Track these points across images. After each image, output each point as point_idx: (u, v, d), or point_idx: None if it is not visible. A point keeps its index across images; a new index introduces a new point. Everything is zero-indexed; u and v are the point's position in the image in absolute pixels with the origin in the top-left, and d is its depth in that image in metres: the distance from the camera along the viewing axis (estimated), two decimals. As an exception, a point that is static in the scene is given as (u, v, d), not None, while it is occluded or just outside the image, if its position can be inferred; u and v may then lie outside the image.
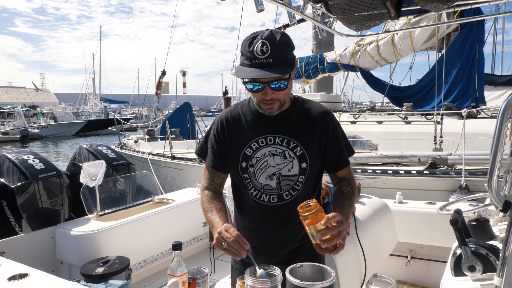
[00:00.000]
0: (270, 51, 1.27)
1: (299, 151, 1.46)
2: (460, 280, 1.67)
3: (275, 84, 1.32)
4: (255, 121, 1.50)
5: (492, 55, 22.38)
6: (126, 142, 11.15)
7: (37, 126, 33.45)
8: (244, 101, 1.59)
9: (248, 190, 1.51)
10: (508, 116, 1.44)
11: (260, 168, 1.47)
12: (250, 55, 1.29)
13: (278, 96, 1.37)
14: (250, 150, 1.48)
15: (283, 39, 1.30)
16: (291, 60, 1.34)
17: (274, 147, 1.46)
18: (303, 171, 1.47)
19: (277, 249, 1.55)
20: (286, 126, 1.48)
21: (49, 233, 2.90)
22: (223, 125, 1.54)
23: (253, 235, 1.55)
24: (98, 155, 3.58)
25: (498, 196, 1.39)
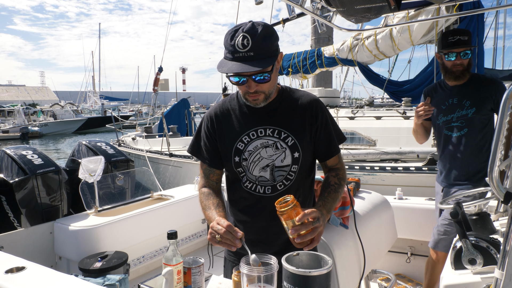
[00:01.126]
0: (251, 44, 1.27)
1: (290, 141, 1.46)
2: (460, 274, 1.66)
3: (259, 76, 1.33)
4: (244, 115, 1.51)
5: (493, 49, 22.31)
6: (123, 140, 11.12)
7: (37, 124, 33.46)
8: (232, 95, 1.59)
9: (242, 183, 1.52)
10: (510, 107, 1.43)
11: (253, 161, 1.47)
12: (231, 49, 1.30)
13: (262, 88, 1.38)
14: (242, 144, 1.48)
15: (264, 31, 1.30)
16: (274, 52, 1.34)
17: (266, 138, 1.47)
18: (296, 161, 1.47)
19: (272, 240, 1.55)
20: (275, 117, 1.49)
21: (47, 228, 2.89)
22: (212, 121, 1.55)
23: (248, 227, 1.55)
24: (97, 151, 3.57)
25: (499, 188, 1.38)
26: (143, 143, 9.83)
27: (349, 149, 5.90)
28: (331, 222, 2.11)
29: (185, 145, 9.26)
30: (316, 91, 8.08)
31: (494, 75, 8.43)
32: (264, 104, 1.44)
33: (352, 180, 2.75)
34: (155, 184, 4.89)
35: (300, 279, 1.01)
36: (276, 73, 1.42)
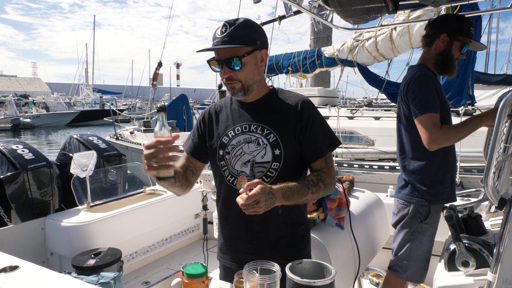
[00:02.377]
0: (227, 31, 1.36)
1: (272, 138, 1.46)
2: (453, 275, 1.67)
3: (230, 62, 1.39)
4: (233, 111, 1.56)
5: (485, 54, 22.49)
6: (121, 133, 11.10)
7: (28, 115, 33.14)
8: (228, 95, 1.63)
9: (225, 177, 1.53)
10: (506, 113, 1.44)
11: (236, 155, 1.49)
12: (213, 37, 1.40)
13: (237, 76, 1.41)
14: (227, 138, 1.52)
15: (244, 23, 1.39)
16: (249, 42, 1.39)
17: (249, 134, 1.49)
18: (277, 158, 1.46)
19: (251, 237, 1.54)
20: (261, 114, 1.51)
21: (39, 224, 2.86)
22: (205, 116, 1.62)
23: (230, 223, 1.57)
24: (89, 145, 3.54)
25: (494, 193, 1.39)
26: (141, 137, 9.82)
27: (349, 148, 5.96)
28: (327, 223, 2.11)
29: (183, 140, 9.25)
30: (315, 91, 8.10)
31: (486, 79, 8.52)
32: (243, 96, 1.47)
33: (347, 179, 2.76)
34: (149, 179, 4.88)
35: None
36: (256, 67, 1.45)
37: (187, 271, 1.28)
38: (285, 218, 1.52)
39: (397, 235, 2.22)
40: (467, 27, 2.07)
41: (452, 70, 2.12)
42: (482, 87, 8.56)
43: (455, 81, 6.82)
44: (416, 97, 1.99)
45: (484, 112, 1.96)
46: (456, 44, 2.08)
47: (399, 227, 2.21)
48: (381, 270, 2.69)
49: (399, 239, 2.20)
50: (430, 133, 1.93)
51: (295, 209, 1.54)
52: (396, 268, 2.23)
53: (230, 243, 1.60)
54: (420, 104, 1.97)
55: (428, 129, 1.93)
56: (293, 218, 1.55)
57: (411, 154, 2.13)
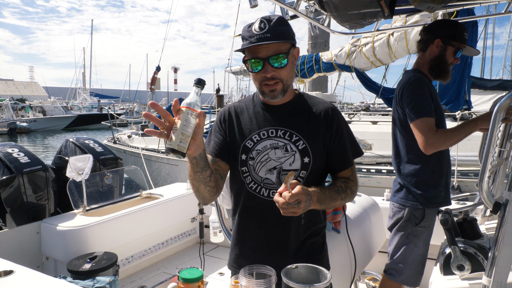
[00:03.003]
0: (267, 27, 1.29)
1: (301, 145, 1.40)
2: (448, 279, 1.68)
3: (275, 59, 1.31)
4: (258, 114, 1.47)
5: (482, 59, 22.67)
6: (119, 137, 11.12)
7: (25, 119, 33.04)
8: (249, 96, 1.58)
9: (246, 184, 1.45)
10: (500, 118, 1.45)
11: (261, 161, 1.41)
12: (248, 34, 1.31)
13: (280, 75, 1.34)
14: (251, 143, 1.43)
15: (281, 19, 1.33)
16: (291, 37, 1.35)
17: (276, 140, 1.41)
18: (305, 166, 1.40)
19: (273, 248, 1.47)
20: (289, 118, 1.44)
21: (34, 228, 2.85)
22: (225, 116, 1.52)
23: (251, 232, 1.49)
24: (85, 149, 3.53)
25: (489, 197, 1.40)
26: (139, 141, 9.84)
27: None
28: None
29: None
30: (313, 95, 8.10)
31: (482, 84, 8.58)
32: (281, 97, 1.39)
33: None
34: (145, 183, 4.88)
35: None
36: (293, 66, 1.39)
37: (183, 276, 1.28)
38: (306, 228, 1.46)
39: (393, 239, 2.23)
40: (460, 33, 2.09)
41: (446, 75, 2.14)
42: (478, 92, 8.62)
43: (451, 86, 6.86)
44: (411, 102, 2.00)
45: (479, 116, 1.97)
46: (450, 49, 2.10)
47: (394, 231, 2.21)
48: (377, 274, 2.69)
49: (395, 242, 2.21)
50: (426, 137, 1.94)
51: (316, 218, 1.49)
52: (392, 271, 2.23)
53: (249, 254, 1.51)
54: (415, 109, 1.98)
55: (424, 133, 1.95)
56: (313, 227, 1.50)
57: (406, 158, 2.14)
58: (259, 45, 1.29)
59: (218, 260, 3.35)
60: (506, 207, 1.25)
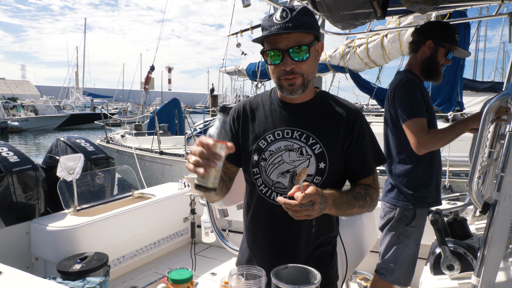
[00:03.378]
0: (290, 16, 1.18)
1: (318, 149, 1.29)
2: (438, 279, 1.69)
3: (296, 51, 1.20)
4: (274, 112, 1.37)
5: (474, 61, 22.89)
6: (112, 137, 11.08)
7: (17, 118, 32.73)
8: (265, 92, 1.47)
9: (257, 186, 1.37)
10: (490, 119, 1.46)
11: (273, 163, 1.32)
12: (269, 24, 1.21)
13: (300, 69, 1.23)
14: (264, 143, 1.34)
15: (305, 9, 1.23)
16: (315, 27, 1.24)
17: (291, 141, 1.31)
18: (320, 172, 1.30)
19: (282, 255, 1.38)
20: (306, 119, 1.33)
21: (23, 229, 2.82)
22: (239, 113, 1.42)
23: (259, 238, 1.42)
24: (76, 148, 3.50)
25: (478, 198, 1.41)
26: (132, 141, 9.80)
27: None
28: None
29: (175, 143, 9.31)
30: None
31: (474, 86, 8.65)
32: (301, 92, 1.27)
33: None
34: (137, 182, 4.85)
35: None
36: (315, 60, 1.29)
37: (172, 277, 1.27)
38: (317, 236, 1.38)
39: (384, 239, 2.24)
40: (452, 34, 2.10)
41: (437, 76, 2.15)
42: (470, 94, 8.71)
43: (444, 87, 6.92)
44: (403, 103, 2.01)
45: (470, 116, 1.99)
46: (442, 50, 2.11)
47: (385, 231, 2.22)
48: (369, 274, 2.70)
49: (386, 242, 2.22)
50: (418, 137, 1.95)
51: (328, 226, 1.41)
52: (383, 271, 2.24)
53: (258, 259, 1.44)
54: (407, 109, 1.99)
55: (416, 133, 1.96)
56: (325, 235, 1.41)
57: (398, 158, 2.14)
58: (279, 34, 1.19)
59: (210, 260, 3.34)
60: (495, 208, 1.25)
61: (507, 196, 1.23)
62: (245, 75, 12.09)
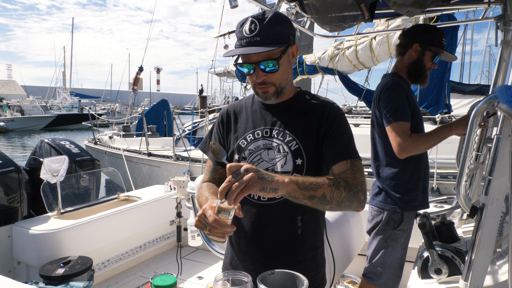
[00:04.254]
0: (258, 29, 1.20)
1: (294, 146, 1.32)
2: (426, 283, 1.68)
3: (265, 65, 1.24)
4: (255, 113, 1.42)
5: (460, 64, 23.24)
6: (100, 138, 10.95)
7: (2, 119, 32.20)
8: (250, 95, 1.51)
9: None
10: (477, 122, 1.46)
11: (253, 161, 1.34)
12: (240, 35, 1.24)
13: (271, 79, 1.27)
14: (244, 142, 1.38)
15: (274, 18, 1.22)
16: (283, 40, 1.24)
17: (270, 140, 1.35)
18: (298, 169, 1.30)
19: (265, 256, 1.38)
20: (284, 118, 1.37)
21: (5, 232, 2.75)
22: (223, 117, 1.47)
23: (241, 237, 1.41)
24: (61, 150, 3.43)
25: (466, 202, 1.40)
26: (120, 142, 9.71)
27: None
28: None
29: (164, 145, 9.24)
30: None
31: (461, 89, 8.76)
32: (276, 99, 1.33)
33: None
34: (127, 183, 4.78)
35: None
36: (289, 66, 1.32)
37: (155, 283, 1.23)
38: (304, 239, 1.36)
39: (371, 242, 2.23)
40: (439, 38, 2.11)
41: (424, 79, 2.15)
42: (457, 96, 8.82)
43: (432, 90, 6.99)
44: (388, 105, 2.01)
45: (454, 121, 1.99)
46: (428, 54, 2.11)
47: (373, 234, 2.21)
48: (356, 277, 2.69)
49: (373, 246, 2.21)
50: (399, 141, 1.95)
51: (315, 228, 1.40)
52: (370, 275, 2.23)
53: (240, 259, 1.43)
54: (390, 112, 1.99)
55: (397, 137, 1.95)
56: (313, 239, 1.40)
57: (385, 161, 2.14)
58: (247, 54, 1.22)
59: (196, 263, 3.30)
60: (482, 211, 1.25)
61: (494, 199, 1.23)
62: (234, 76, 12.07)
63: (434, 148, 4.99)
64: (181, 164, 7.62)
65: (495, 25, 2.46)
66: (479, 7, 2.60)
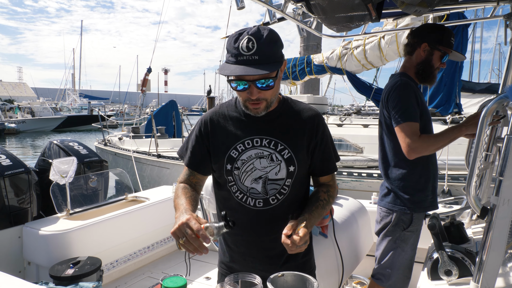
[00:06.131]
0: (256, 47, 1.21)
1: (286, 154, 1.40)
2: (436, 284, 1.66)
3: (262, 83, 1.26)
4: (241, 122, 1.44)
5: (470, 63, 23.00)
6: (110, 139, 11.02)
7: (14, 120, 32.60)
8: (229, 101, 1.53)
9: (232, 193, 1.46)
10: (488, 122, 1.44)
11: (246, 171, 1.41)
12: (235, 52, 1.23)
13: (265, 95, 1.31)
14: (236, 152, 1.42)
15: (270, 36, 1.24)
16: (279, 58, 1.28)
17: (261, 149, 1.40)
18: (291, 175, 1.41)
19: (263, 255, 1.49)
20: (273, 127, 1.42)
21: (16, 233, 2.78)
22: (206, 125, 1.48)
23: (239, 240, 1.51)
24: (69, 151, 3.46)
25: (476, 202, 1.38)
26: (130, 143, 9.76)
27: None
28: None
29: (173, 146, 9.26)
30: (305, 98, 8.17)
31: (471, 87, 8.66)
32: (265, 112, 1.37)
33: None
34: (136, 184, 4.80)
35: None
36: (279, 81, 1.36)
37: (166, 284, 1.24)
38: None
39: (380, 243, 2.21)
40: (447, 37, 2.08)
41: (432, 79, 2.13)
42: (467, 95, 8.72)
43: (442, 89, 6.91)
44: (396, 106, 1.99)
45: (463, 122, 1.97)
46: (437, 53, 2.09)
47: (382, 235, 2.20)
48: (364, 278, 2.68)
49: (382, 247, 2.19)
50: (409, 141, 1.93)
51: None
52: (380, 276, 2.21)
53: (239, 259, 1.53)
54: (400, 113, 1.97)
55: (407, 137, 1.94)
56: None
57: (393, 161, 2.12)
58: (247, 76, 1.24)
59: (204, 264, 3.30)
60: (493, 212, 1.23)
61: (505, 200, 1.21)
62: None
63: (445, 149, 4.94)
64: None
65: (504, 23, 2.43)
66: (488, 5, 2.56)
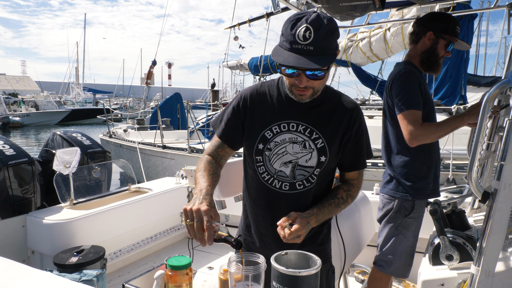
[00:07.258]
0: (312, 38, 1.17)
1: (320, 144, 1.38)
2: (437, 269, 1.67)
3: (312, 72, 1.23)
4: (281, 104, 1.42)
5: (475, 56, 22.81)
6: (115, 131, 11.09)
7: (18, 114, 32.74)
8: (272, 81, 1.50)
9: (259, 173, 1.44)
10: (489, 108, 1.44)
11: (277, 153, 1.40)
12: (291, 39, 1.20)
13: (313, 84, 1.28)
14: (270, 133, 1.40)
15: (329, 27, 1.19)
16: (333, 50, 1.24)
17: (296, 134, 1.39)
18: (320, 165, 1.40)
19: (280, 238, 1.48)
20: (312, 115, 1.40)
21: (19, 222, 2.80)
22: (246, 101, 1.45)
23: (260, 220, 1.51)
24: (73, 142, 3.48)
25: (478, 187, 1.38)
26: (135, 135, 9.83)
27: None
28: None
29: (178, 138, 9.30)
30: None
31: (476, 81, 8.61)
32: (309, 100, 1.35)
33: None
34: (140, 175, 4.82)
35: (290, 279, 1.00)
36: (329, 71, 1.32)
37: (170, 263, 1.26)
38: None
39: (382, 230, 2.22)
40: (453, 26, 2.07)
41: (437, 68, 2.12)
42: (472, 88, 8.66)
43: (448, 81, 6.87)
44: (400, 94, 1.99)
45: (465, 111, 1.96)
46: (442, 42, 2.08)
47: (384, 222, 2.20)
48: (366, 267, 2.68)
49: (384, 234, 2.20)
50: (411, 129, 1.93)
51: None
52: (381, 263, 2.22)
53: (258, 238, 1.54)
54: (402, 101, 1.97)
55: (409, 125, 1.94)
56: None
57: (396, 149, 2.12)
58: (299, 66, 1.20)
59: (207, 254, 3.32)
60: (494, 197, 1.23)
61: (507, 184, 1.20)
62: (247, 69, 12.05)
63: (450, 139, 4.92)
64: (195, 156, 7.66)
65: (508, 13, 2.41)
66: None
